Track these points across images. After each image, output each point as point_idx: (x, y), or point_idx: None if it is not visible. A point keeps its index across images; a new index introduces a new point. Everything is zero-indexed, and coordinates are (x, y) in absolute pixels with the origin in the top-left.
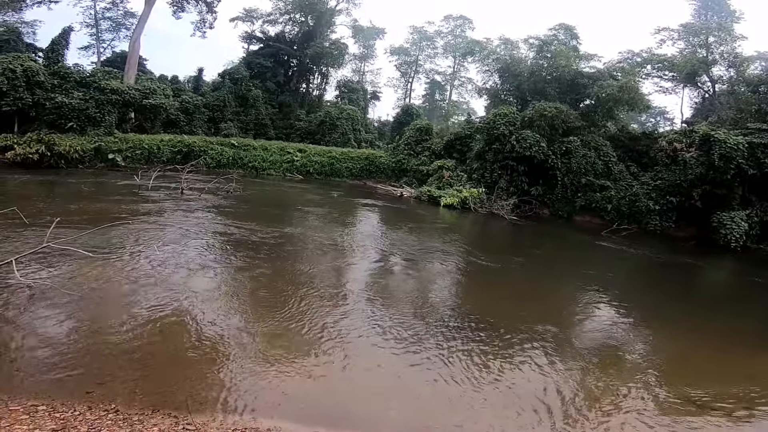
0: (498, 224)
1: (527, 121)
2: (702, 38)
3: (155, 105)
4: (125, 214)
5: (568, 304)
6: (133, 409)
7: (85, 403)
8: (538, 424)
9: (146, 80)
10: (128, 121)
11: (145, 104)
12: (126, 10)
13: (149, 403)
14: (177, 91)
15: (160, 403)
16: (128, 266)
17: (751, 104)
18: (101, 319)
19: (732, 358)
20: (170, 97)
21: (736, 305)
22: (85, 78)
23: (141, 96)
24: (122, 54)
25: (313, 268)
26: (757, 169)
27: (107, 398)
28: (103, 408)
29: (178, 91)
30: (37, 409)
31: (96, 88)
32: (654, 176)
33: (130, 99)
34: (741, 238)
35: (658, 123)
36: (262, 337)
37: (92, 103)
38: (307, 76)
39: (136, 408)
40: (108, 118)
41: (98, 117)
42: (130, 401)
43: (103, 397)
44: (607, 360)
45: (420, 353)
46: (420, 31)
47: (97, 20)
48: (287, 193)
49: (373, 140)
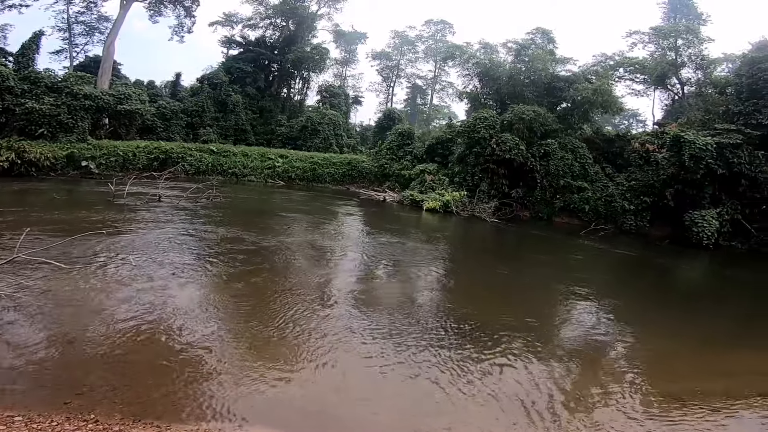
0: (480, 227)
1: (507, 125)
2: (671, 41)
3: (130, 110)
4: (99, 224)
5: (550, 304)
6: (114, 419)
7: (62, 414)
8: (527, 425)
9: (121, 85)
10: (102, 127)
11: (120, 110)
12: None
13: (130, 413)
14: (153, 96)
15: (141, 412)
16: (103, 276)
17: (719, 106)
18: (77, 330)
19: (709, 355)
20: (146, 102)
21: (709, 302)
22: (57, 83)
23: (115, 101)
24: (96, 58)
25: (295, 275)
26: (725, 168)
27: (86, 408)
28: (82, 418)
29: (154, 96)
30: (14, 420)
31: (68, 93)
32: (628, 177)
33: (104, 104)
34: (713, 236)
35: (631, 125)
36: (245, 344)
37: (64, 109)
38: (288, 80)
39: (116, 418)
40: (81, 124)
41: (70, 123)
42: (110, 411)
43: (82, 408)
44: (590, 359)
45: (406, 357)
46: (401, 36)
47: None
48: (268, 200)
49: (355, 145)
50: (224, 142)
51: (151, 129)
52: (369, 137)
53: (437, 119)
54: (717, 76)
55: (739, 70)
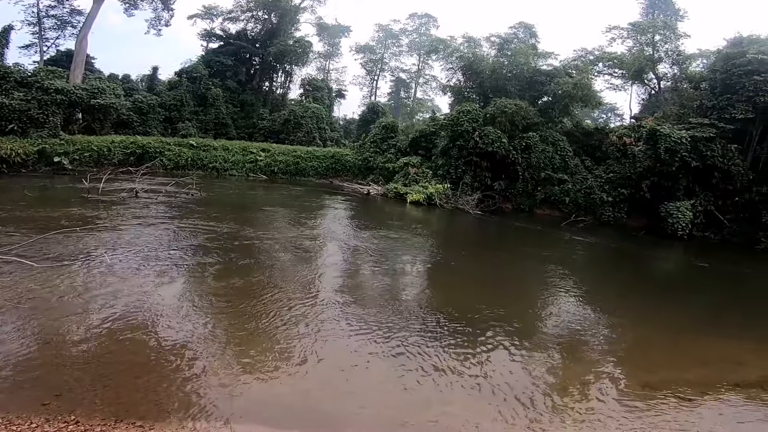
0: (464, 219)
1: (489, 118)
2: (649, 36)
3: (105, 105)
4: (73, 221)
5: (532, 295)
6: (95, 420)
7: (42, 416)
8: (511, 416)
9: (94, 79)
10: (75, 122)
11: (94, 104)
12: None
13: (111, 413)
14: (129, 90)
15: (122, 413)
16: (79, 275)
17: (693, 100)
18: (53, 330)
19: (684, 344)
20: (121, 96)
21: (684, 292)
22: (27, 78)
23: (88, 96)
24: (68, 53)
25: (278, 270)
26: (699, 161)
27: (65, 410)
28: (62, 419)
29: (130, 90)
30: None
31: (39, 88)
32: (606, 169)
33: (77, 99)
34: (687, 227)
35: (609, 119)
36: (228, 341)
37: (34, 104)
38: (271, 74)
39: (97, 419)
40: (52, 119)
41: (41, 118)
42: (91, 412)
43: (61, 409)
44: (570, 350)
45: (392, 350)
46: (385, 29)
47: (40, 18)
48: (251, 194)
49: (338, 138)
50: (204, 136)
51: (127, 124)
52: (353, 131)
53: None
54: (692, 72)
55: (714, 66)
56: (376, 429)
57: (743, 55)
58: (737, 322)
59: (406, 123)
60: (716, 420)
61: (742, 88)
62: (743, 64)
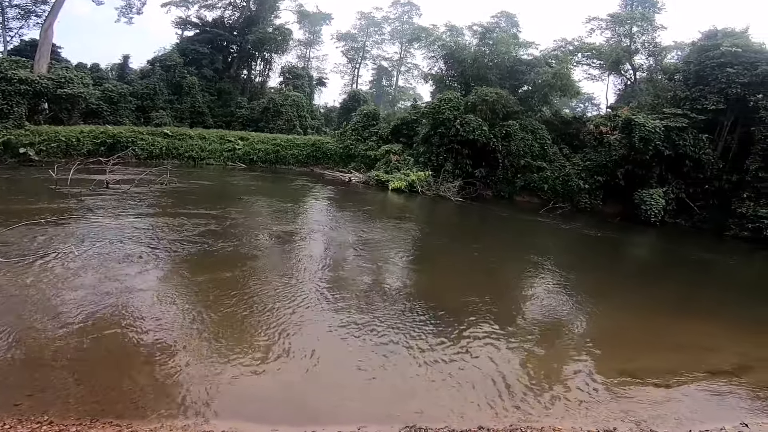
0: (445, 206)
1: (470, 106)
2: (627, 28)
3: (72, 94)
4: (41, 213)
5: (513, 282)
6: (69, 420)
7: (14, 417)
8: (495, 404)
9: (61, 69)
10: (41, 112)
11: (60, 94)
12: None
13: (86, 412)
14: (98, 79)
15: (98, 412)
16: (46, 270)
17: (667, 91)
18: (22, 328)
19: (659, 328)
20: (90, 85)
21: (657, 276)
22: None
23: (54, 85)
24: (32, 42)
25: (258, 260)
26: (672, 150)
27: (38, 410)
28: (35, 420)
29: (99, 79)
30: None
31: (2, 78)
32: (583, 157)
33: (42, 89)
34: (659, 214)
35: (587, 108)
36: (208, 335)
37: None
38: (249, 62)
39: (72, 419)
40: (17, 110)
41: (5, 109)
42: (65, 412)
43: (33, 409)
44: (551, 338)
45: (376, 341)
46: (368, 17)
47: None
48: (228, 183)
49: (319, 126)
50: (179, 125)
51: (97, 113)
52: (334, 119)
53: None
54: (667, 63)
55: (688, 58)
56: (362, 421)
57: (717, 48)
58: (709, 307)
59: (387, 111)
60: (692, 407)
61: (714, 80)
62: (717, 56)
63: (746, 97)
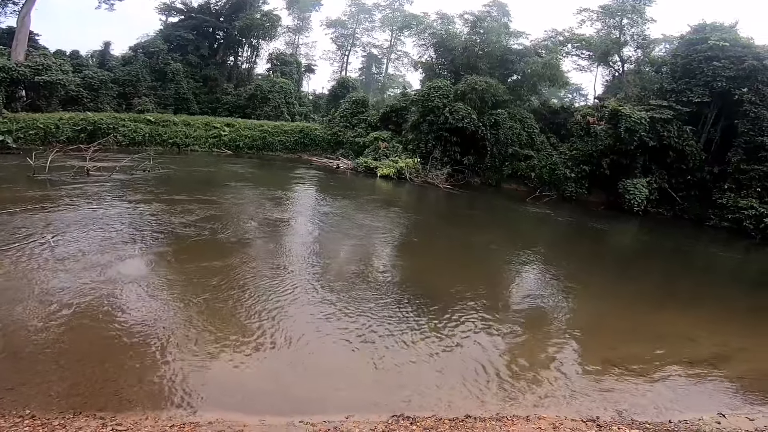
0: (433, 193)
1: (460, 94)
2: (617, 20)
3: (50, 81)
4: (17, 202)
5: (500, 271)
6: (52, 414)
7: None
8: (482, 393)
9: (39, 56)
10: (18, 99)
11: (38, 81)
12: None
13: (69, 405)
14: (78, 66)
15: (81, 405)
16: (23, 260)
17: (654, 83)
18: (1, 321)
19: (641, 317)
20: (69, 72)
21: (638, 265)
22: None
23: (32, 73)
24: (9, 30)
25: (245, 248)
26: (656, 141)
27: (19, 404)
28: (16, 414)
29: (79, 66)
30: None
31: None
32: (570, 147)
33: (19, 76)
34: (642, 203)
35: (575, 99)
36: (192, 325)
37: None
38: (236, 48)
39: (54, 412)
40: None
41: None
42: (47, 405)
43: (15, 403)
44: (537, 327)
45: (364, 330)
46: (358, 4)
47: None
48: (214, 170)
49: (307, 113)
50: (163, 111)
51: (77, 100)
52: (322, 105)
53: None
54: (654, 56)
55: (676, 51)
56: (349, 410)
57: (705, 41)
58: (690, 297)
59: (377, 98)
60: (671, 397)
61: (700, 73)
62: (704, 50)
63: (731, 91)
